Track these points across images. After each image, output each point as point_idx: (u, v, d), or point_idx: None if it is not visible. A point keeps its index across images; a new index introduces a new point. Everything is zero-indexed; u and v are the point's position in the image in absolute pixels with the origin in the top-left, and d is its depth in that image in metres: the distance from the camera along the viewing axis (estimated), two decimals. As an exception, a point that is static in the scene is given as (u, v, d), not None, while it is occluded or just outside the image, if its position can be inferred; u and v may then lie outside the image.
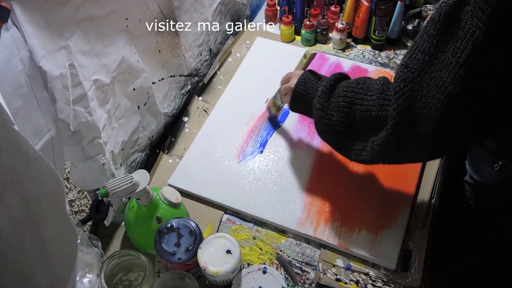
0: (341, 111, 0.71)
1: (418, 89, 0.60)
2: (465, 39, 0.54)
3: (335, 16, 1.20)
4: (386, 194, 0.90)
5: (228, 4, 1.20)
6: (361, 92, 0.69)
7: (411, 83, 0.61)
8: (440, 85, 0.58)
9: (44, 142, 0.69)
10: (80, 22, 0.70)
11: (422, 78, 0.60)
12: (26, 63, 0.62)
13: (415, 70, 0.60)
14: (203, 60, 1.17)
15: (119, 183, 0.74)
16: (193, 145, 1.02)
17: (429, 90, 0.59)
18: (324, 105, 0.74)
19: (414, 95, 0.61)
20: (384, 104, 0.65)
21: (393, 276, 0.82)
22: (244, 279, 0.80)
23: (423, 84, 0.60)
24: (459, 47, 0.55)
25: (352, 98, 0.70)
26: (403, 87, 0.61)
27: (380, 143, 0.66)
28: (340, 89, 0.73)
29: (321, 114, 0.74)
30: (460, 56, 0.55)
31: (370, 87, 0.69)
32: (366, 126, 0.69)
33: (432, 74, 0.59)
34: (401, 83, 0.61)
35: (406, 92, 0.61)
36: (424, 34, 0.59)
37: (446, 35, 0.56)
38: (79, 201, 1.30)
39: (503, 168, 0.86)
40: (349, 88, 0.71)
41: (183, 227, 0.79)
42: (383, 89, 0.67)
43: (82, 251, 0.76)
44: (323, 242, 0.86)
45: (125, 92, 0.88)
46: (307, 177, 0.94)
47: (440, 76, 0.57)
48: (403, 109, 0.62)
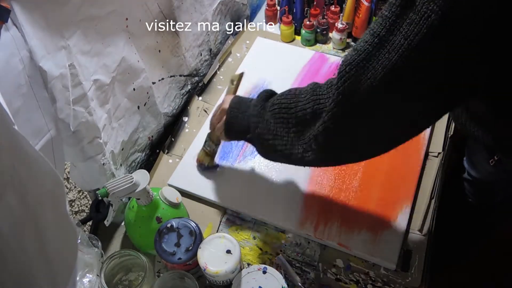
0: (278, 116, 0.71)
1: (363, 72, 0.59)
2: (420, 23, 0.53)
3: (335, 16, 1.20)
4: (386, 194, 0.90)
5: (228, 4, 1.20)
6: (294, 97, 0.71)
7: (356, 66, 0.59)
8: (387, 67, 0.56)
9: (44, 142, 0.69)
10: (80, 22, 0.70)
11: (368, 60, 0.58)
12: (26, 63, 0.62)
13: (362, 52, 0.59)
14: (203, 60, 1.17)
15: (119, 183, 0.74)
16: (193, 145, 1.02)
17: (374, 73, 0.58)
18: (260, 115, 0.74)
19: (359, 77, 0.59)
20: (317, 99, 0.66)
21: (393, 276, 0.82)
22: (244, 279, 0.80)
23: (368, 66, 0.58)
24: (413, 30, 0.54)
25: (286, 103, 0.71)
26: (348, 70, 0.60)
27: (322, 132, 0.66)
28: (274, 99, 0.74)
29: (258, 120, 0.74)
30: (413, 39, 0.54)
31: (301, 92, 0.70)
32: (303, 124, 0.69)
33: (380, 57, 0.57)
34: (347, 66, 0.60)
35: (351, 76, 0.59)
36: (379, 17, 0.58)
37: (400, 18, 0.55)
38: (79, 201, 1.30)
39: (498, 163, 0.86)
40: (282, 96, 0.73)
41: (183, 227, 0.79)
42: (314, 88, 0.68)
43: (82, 251, 0.76)
44: (323, 242, 0.86)
45: (125, 92, 0.88)
46: (307, 177, 0.94)
47: (389, 59, 0.56)
48: (344, 91, 0.61)
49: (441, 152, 0.97)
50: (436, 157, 0.96)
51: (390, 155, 0.95)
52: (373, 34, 0.58)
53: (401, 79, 0.57)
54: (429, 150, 0.97)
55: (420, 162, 0.95)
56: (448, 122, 1.02)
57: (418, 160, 0.95)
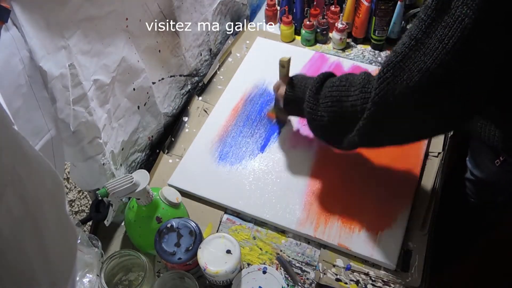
0: (330, 111, 0.75)
1: (400, 74, 0.61)
2: (454, 26, 0.54)
3: (335, 16, 1.20)
4: (386, 194, 0.90)
5: (228, 4, 1.20)
6: (345, 89, 0.73)
7: (393, 68, 0.61)
8: (423, 70, 0.58)
9: (44, 142, 0.69)
10: (80, 22, 0.70)
11: (405, 62, 0.60)
12: (26, 63, 0.62)
13: (399, 54, 0.61)
14: (203, 60, 1.17)
15: (119, 183, 0.74)
16: (193, 145, 1.02)
17: (410, 74, 0.60)
18: (313, 108, 0.78)
19: (396, 79, 0.61)
20: (366, 97, 0.68)
21: (393, 276, 0.82)
22: (244, 279, 0.80)
23: (404, 68, 0.60)
24: (447, 33, 0.55)
25: (338, 97, 0.73)
26: (386, 72, 0.62)
27: (362, 127, 0.69)
28: (325, 90, 0.77)
29: (313, 117, 0.79)
30: (447, 43, 0.55)
31: (352, 83, 0.72)
32: (354, 119, 0.71)
33: (415, 59, 0.59)
34: (385, 68, 0.63)
35: (388, 77, 0.62)
36: (416, 19, 0.60)
37: (435, 22, 0.57)
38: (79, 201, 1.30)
39: (504, 164, 0.86)
40: (333, 88, 0.75)
41: (183, 227, 0.79)
42: (364, 83, 0.70)
43: (82, 251, 0.76)
44: (323, 242, 0.86)
45: (125, 92, 0.88)
46: (307, 177, 0.94)
47: (424, 61, 0.58)
48: (383, 93, 0.63)
49: (441, 152, 0.97)
50: (436, 157, 0.96)
51: (390, 155, 0.96)
52: (410, 37, 0.60)
53: (435, 82, 0.59)
54: (429, 150, 0.97)
55: (420, 162, 0.95)
56: (448, 122, 1.02)
57: (418, 160, 0.95)
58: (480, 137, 0.78)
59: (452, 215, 1.13)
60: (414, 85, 0.60)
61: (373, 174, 0.93)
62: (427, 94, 0.61)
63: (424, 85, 0.59)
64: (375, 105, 0.65)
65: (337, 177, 0.94)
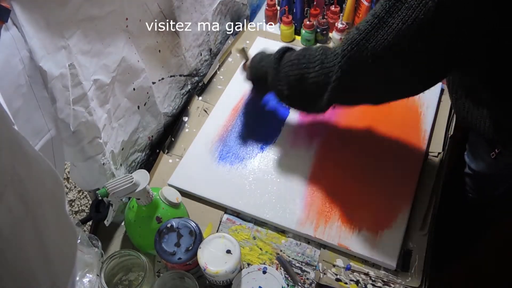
0: (293, 88, 0.80)
1: (363, 51, 0.65)
2: (417, 8, 0.57)
3: (335, 16, 1.20)
4: (386, 194, 0.90)
5: (228, 4, 1.20)
6: (305, 66, 0.77)
7: (357, 45, 0.65)
8: (385, 47, 0.62)
9: (44, 142, 0.69)
10: (80, 22, 0.70)
11: (368, 40, 0.64)
12: (26, 63, 0.62)
13: (362, 31, 0.64)
14: (203, 60, 1.17)
15: (119, 183, 0.74)
16: (193, 145, 1.02)
17: (373, 52, 0.64)
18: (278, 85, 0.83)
19: (359, 56, 0.66)
20: (326, 72, 0.73)
21: (393, 276, 0.82)
22: (244, 279, 0.80)
23: (367, 46, 0.64)
24: (410, 15, 0.58)
25: (298, 76, 0.78)
26: (350, 49, 0.66)
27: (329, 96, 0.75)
28: (286, 67, 0.81)
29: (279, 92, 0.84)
30: (410, 24, 0.58)
31: (310, 59, 0.76)
32: (316, 93, 0.77)
33: (378, 37, 0.62)
34: (349, 46, 0.67)
35: (352, 54, 0.66)
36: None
37: (399, 2, 0.59)
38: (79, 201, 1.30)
39: (499, 156, 0.87)
40: (293, 66, 0.79)
41: (183, 227, 0.79)
42: (322, 58, 0.74)
43: (82, 251, 0.76)
44: (323, 242, 0.86)
45: (125, 92, 0.88)
46: (307, 177, 0.94)
47: (387, 40, 0.62)
48: (345, 68, 0.69)
49: (441, 152, 0.97)
50: (436, 157, 0.96)
51: (390, 155, 0.96)
52: (373, 15, 0.63)
53: (397, 57, 0.64)
54: (429, 150, 0.97)
55: (420, 162, 0.95)
56: (448, 122, 1.02)
57: (418, 160, 0.95)
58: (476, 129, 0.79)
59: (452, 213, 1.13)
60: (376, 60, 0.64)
61: (373, 174, 0.93)
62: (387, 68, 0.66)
63: (385, 61, 0.64)
64: (339, 80, 0.71)
65: (337, 177, 0.94)
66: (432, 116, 1.02)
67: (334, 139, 1.00)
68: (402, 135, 0.99)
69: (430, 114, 1.02)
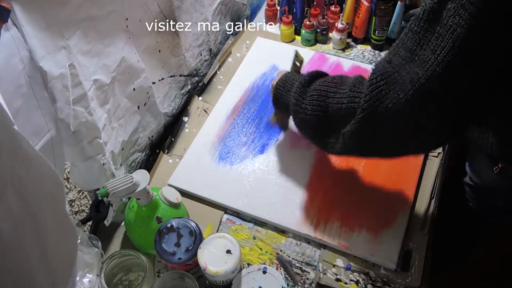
0: (315, 104, 0.73)
1: (393, 84, 0.60)
2: (446, 37, 0.53)
3: (335, 16, 1.20)
4: (386, 194, 0.90)
5: (228, 4, 1.20)
6: (335, 86, 0.72)
7: (388, 78, 0.61)
8: (414, 81, 0.57)
9: (44, 142, 0.69)
10: (80, 22, 0.70)
11: (399, 73, 0.60)
12: (26, 63, 0.62)
13: (395, 66, 0.60)
14: (203, 60, 1.17)
15: (119, 183, 0.74)
16: (193, 145, 1.02)
17: (402, 86, 0.59)
18: (299, 100, 0.76)
19: (388, 89, 0.61)
20: (354, 96, 0.67)
21: (393, 276, 0.82)
22: (244, 279, 0.80)
23: (398, 80, 0.60)
24: (439, 44, 0.54)
25: (325, 92, 0.72)
26: (379, 80, 0.61)
27: (349, 135, 0.68)
28: (315, 85, 0.76)
29: (297, 108, 0.77)
30: (439, 54, 0.54)
31: (344, 82, 0.71)
32: (337, 119, 0.70)
33: (409, 70, 0.58)
34: (378, 76, 0.62)
35: (380, 86, 0.61)
36: (409, 31, 0.59)
37: (428, 33, 0.56)
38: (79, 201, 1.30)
39: (502, 171, 0.86)
40: (324, 83, 0.74)
41: (183, 227, 0.79)
42: (355, 83, 0.68)
43: (82, 251, 0.76)
44: (323, 242, 0.86)
45: (125, 92, 0.88)
46: (307, 177, 0.94)
47: (416, 73, 0.57)
48: (374, 101, 0.62)
49: (441, 152, 0.97)
50: (436, 157, 0.96)
51: (390, 155, 0.95)
52: (405, 48, 0.59)
53: (427, 95, 0.58)
54: (429, 150, 0.97)
55: (420, 162, 0.95)
56: (448, 122, 1.02)
57: (418, 160, 0.95)
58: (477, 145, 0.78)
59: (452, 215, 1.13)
60: (405, 97, 0.59)
61: (373, 174, 0.93)
62: (418, 107, 0.60)
63: (415, 98, 0.58)
64: (364, 112, 0.64)
65: (337, 177, 0.94)
66: (432, 116, 1.02)
67: (334, 139, 1.00)
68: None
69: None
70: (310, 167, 0.95)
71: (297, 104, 0.77)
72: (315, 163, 0.96)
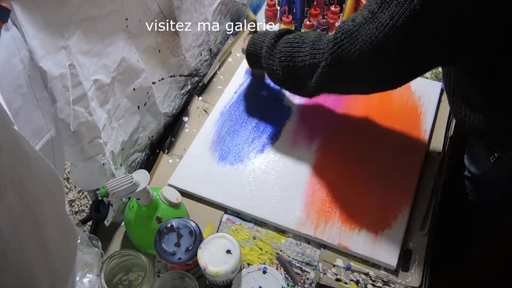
0: (284, 65, 0.84)
1: (354, 42, 0.68)
2: (404, 5, 0.60)
3: (335, 16, 1.20)
4: (386, 194, 0.90)
5: (228, 4, 1.20)
6: (297, 46, 0.81)
7: (350, 36, 0.69)
8: (374, 43, 0.66)
9: (44, 142, 0.69)
10: (80, 22, 0.70)
11: (360, 32, 0.67)
12: (26, 63, 0.62)
13: (356, 24, 0.68)
14: (203, 60, 1.17)
15: (119, 183, 0.74)
16: (193, 145, 1.02)
17: (363, 45, 0.67)
18: (270, 63, 0.87)
19: (350, 47, 0.69)
20: (315, 53, 0.77)
21: (393, 276, 0.82)
22: (244, 279, 0.80)
23: (358, 38, 0.68)
24: (397, 11, 0.61)
25: (290, 52, 0.82)
26: (343, 38, 0.70)
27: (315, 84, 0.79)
28: (281, 45, 0.85)
29: (270, 71, 0.89)
30: (397, 20, 0.61)
31: (304, 40, 0.81)
32: (303, 73, 0.81)
33: (368, 31, 0.66)
34: (342, 35, 0.70)
35: (344, 43, 0.70)
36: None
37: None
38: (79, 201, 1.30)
39: (498, 160, 0.87)
40: (287, 44, 0.84)
41: (183, 227, 0.79)
42: (315, 41, 0.78)
43: (82, 251, 0.76)
44: (323, 242, 0.86)
45: (125, 92, 0.88)
46: (307, 177, 0.94)
47: (376, 35, 0.65)
48: (336, 55, 0.72)
49: (441, 152, 0.97)
50: (436, 157, 0.96)
51: (390, 155, 0.96)
52: (368, 9, 0.67)
53: (384, 53, 0.67)
54: (429, 150, 0.97)
55: (420, 162, 0.95)
56: (448, 121, 1.02)
57: (418, 160, 0.95)
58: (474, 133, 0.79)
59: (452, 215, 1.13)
60: (364, 54, 0.68)
61: (373, 174, 0.93)
62: (375, 62, 0.69)
63: (373, 55, 0.67)
64: (327, 66, 0.74)
65: (337, 177, 0.94)
66: (432, 116, 1.02)
67: (334, 139, 1.00)
68: (402, 135, 0.99)
69: (430, 114, 1.02)
70: (310, 167, 0.95)
71: (268, 67, 0.88)
72: (315, 163, 0.96)
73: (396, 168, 0.93)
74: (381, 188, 0.91)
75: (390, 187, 0.91)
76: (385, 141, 0.98)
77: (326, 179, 0.94)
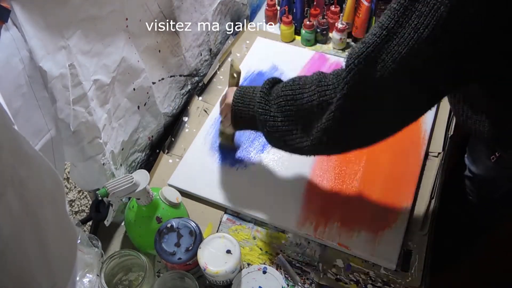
0: (284, 110, 0.72)
1: (373, 65, 0.60)
2: (429, 15, 0.54)
3: (335, 16, 1.20)
4: (386, 194, 0.90)
5: (228, 4, 1.20)
6: (299, 87, 0.71)
7: (365, 59, 0.60)
8: (397, 60, 0.58)
9: (44, 142, 0.69)
10: (80, 22, 0.70)
11: (377, 53, 0.59)
12: (26, 63, 0.62)
13: (370, 45, 0.60)
14: (203, 60, 1.17)
15: (119, 183, 0.74)
16: (193, 145, 1.02)
17: (384, 65, 0.59)
18: (266, 109, 0.75)
19: (368, 70, 0.60)
20: (323, 90, 0.67)
21: (393, 276, 0.82)
22: (244, 279, 0.80)
23: (377, 59, 0.59)
24: (422, 22, 0.55)
25: (292, 95, 0.71)
26: (357, 64, 0.61)
27: (327, 126, 0.67)
28: (277, 90, 0.74)
29: (265, 118, 0.75)
30: (422, 32, 0.55)
31: (306, 81, 0.71)
32: (311, 117, 0.69)
33: (389, 49, 0.58)
34: (355, 59, 0.61)
35: (360, 69, 0.61)
36: (388, 10, 0.59)
37: (408, 11, 0.57)
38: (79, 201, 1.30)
39: (499, 160, 0.87)
40: (286, 88, 0.73)
41: (183, 227, 0.79)
42: (320, 79, 0.68)
43: (82, 251, 0.76)
44: (323, 242, 0.86)
45: (125, 92, 0.88)
46: (307, 177, 0.94)
47: (399, 51, 0.57)
48: (353, 84, 0.62)
49: (441, 152, 0.97)
50: (436, 157, 0.96)
51: (390, 155, 0.96)
52: (381, 27, 0.59)
53: (411, 70, 0.59)
54: (429, 150, 0.97)
55: (420, 162, 0.95)
56: (448, 122, 1.02)
57: (418, 160, 0.95)
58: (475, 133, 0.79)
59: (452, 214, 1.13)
60: (389, 76, 0.59)
61: (373, 174, 0.93)
62: (400, 82, 0.60)
63: (399, 76, 0.59)
64: (344, 97, 0.63)
65: (337, 177, 0.94)
66: (432, 116, 1.02)
67: (334, 139, 1.00)
68: (402, 135, 0.98)
69: (430, 114, 1.02)
70: (310, 167, 0.95)
71: (264, 114, 0.75)
72: (315, 163, 0.96)
73: (396, 168, 0.93)
74: (381, 188, 0.91)
75: (390, 187, 0.91)
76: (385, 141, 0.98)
77: (326, 179, 0.94)
